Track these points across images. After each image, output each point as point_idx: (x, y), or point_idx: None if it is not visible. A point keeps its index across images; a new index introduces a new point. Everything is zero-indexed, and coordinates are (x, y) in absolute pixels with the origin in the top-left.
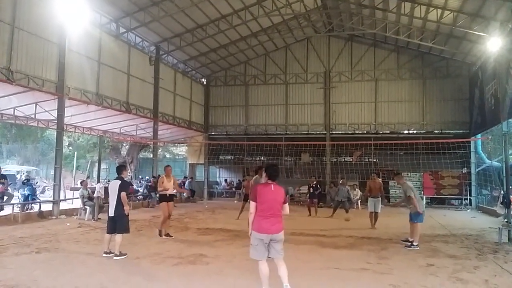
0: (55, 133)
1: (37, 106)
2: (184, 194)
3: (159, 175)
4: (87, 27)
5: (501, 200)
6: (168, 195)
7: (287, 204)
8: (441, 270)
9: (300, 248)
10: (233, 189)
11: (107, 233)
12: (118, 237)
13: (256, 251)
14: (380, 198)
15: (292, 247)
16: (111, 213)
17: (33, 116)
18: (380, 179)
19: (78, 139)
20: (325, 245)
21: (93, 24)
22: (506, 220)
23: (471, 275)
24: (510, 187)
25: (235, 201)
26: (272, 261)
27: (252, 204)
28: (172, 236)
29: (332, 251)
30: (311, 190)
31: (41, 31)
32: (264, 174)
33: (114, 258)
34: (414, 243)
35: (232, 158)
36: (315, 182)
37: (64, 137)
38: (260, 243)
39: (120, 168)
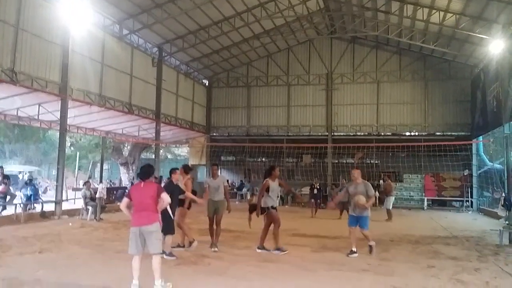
0: (58, 133)
1: (40, 107)
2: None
3: (161, 176)
4: (90, 29)
5: (502, 202)
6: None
7: (164, 194)
8: (442, 272)
9: (302, 249)
10: (235, 190)
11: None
12: (166, 238)
13: (130, 245)
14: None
15: (294, 248)
16: None
17: (36, 117)
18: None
19: (80, 140)
20: (326, 246)
21: (97, 26)
22: (507, 222)
23: (471, 277)
24: None
25: (237, 202)
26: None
27: (124, 201)
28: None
29: (333, 252)
30: (314, 191)
31: (45, 33)
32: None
33: (164, 257)
34: (372, 243)
35: (234, 159)
36: (318, 184)
37: (67, 138)
38: (134, 236)
39: (170, 171)
